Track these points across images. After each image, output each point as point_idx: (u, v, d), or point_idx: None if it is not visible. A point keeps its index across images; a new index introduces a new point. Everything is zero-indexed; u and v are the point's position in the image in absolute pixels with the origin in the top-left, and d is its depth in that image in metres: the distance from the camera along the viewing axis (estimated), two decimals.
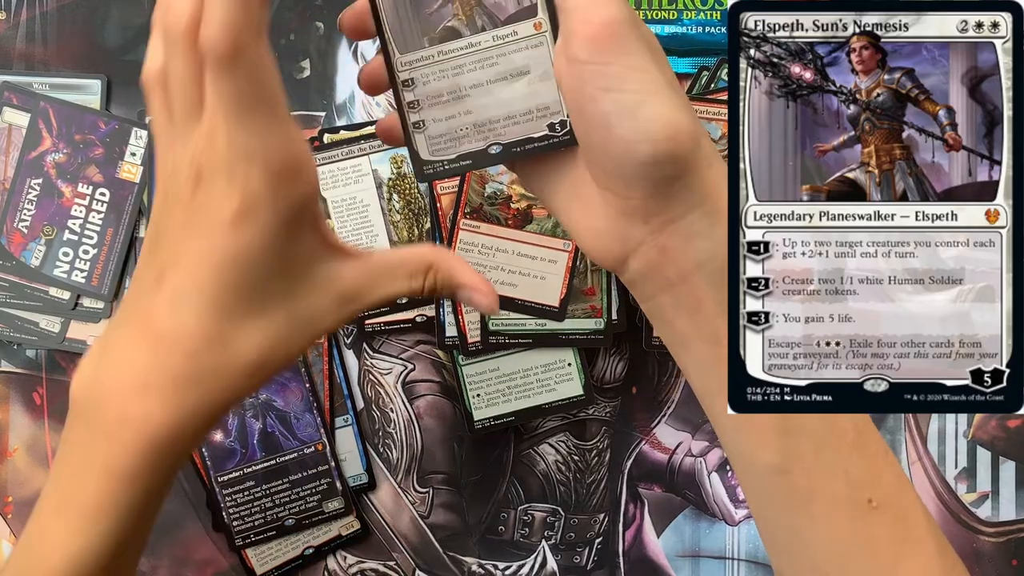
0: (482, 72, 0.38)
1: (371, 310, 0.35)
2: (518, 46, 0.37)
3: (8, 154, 0.60)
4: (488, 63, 0.38)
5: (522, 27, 0.38)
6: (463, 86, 0.37)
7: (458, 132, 0.38)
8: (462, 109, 0.38)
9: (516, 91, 0.38)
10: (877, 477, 0.36)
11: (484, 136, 0.38)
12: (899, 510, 0.36)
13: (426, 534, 0.61)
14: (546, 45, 0.37)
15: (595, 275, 0.59)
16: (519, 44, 0.37)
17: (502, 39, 0.37)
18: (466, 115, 0.38)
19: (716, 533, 0.60)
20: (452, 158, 0.39)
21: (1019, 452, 0.60)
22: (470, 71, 0.38)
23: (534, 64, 0.37)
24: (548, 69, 0.37)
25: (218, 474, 0.59)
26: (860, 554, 0.35)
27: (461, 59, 0.38)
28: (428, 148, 0.39)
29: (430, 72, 0.38)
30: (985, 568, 0.59)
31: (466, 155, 0.38)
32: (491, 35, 0.37)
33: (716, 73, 0.59)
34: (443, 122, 0.38)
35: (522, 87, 0.38)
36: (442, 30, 0.38)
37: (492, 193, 0.59)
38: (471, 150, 0.38)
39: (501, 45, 0.38)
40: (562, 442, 0.61)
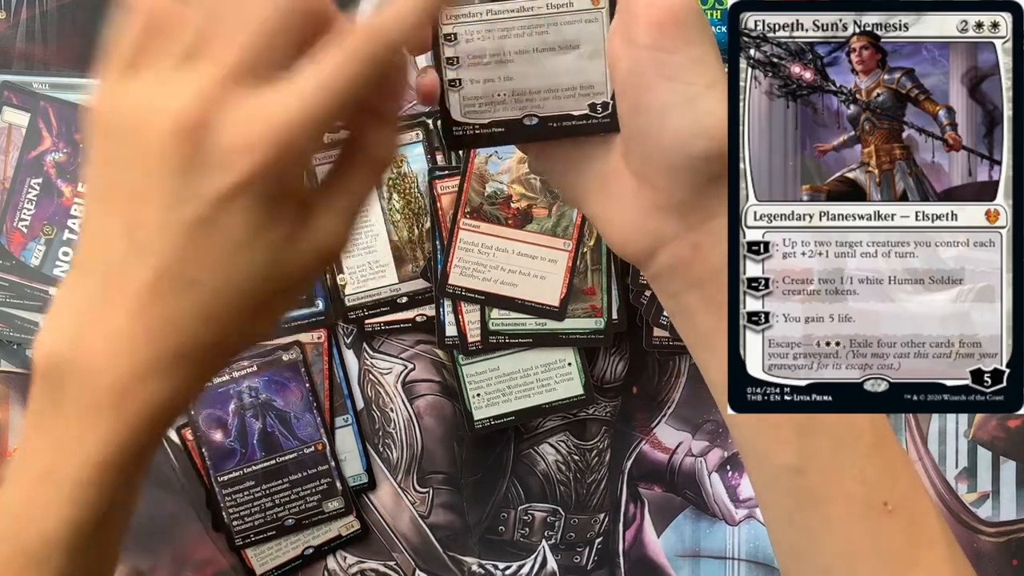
0: (530, 39, 0.36)
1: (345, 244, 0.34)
2: (572, 18, 0.36)
3: (8, 154, 0.60)
4: (538, 30, 0.36)
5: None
6: (508, 50, 0.36)
7: (495, 97, 0.36)
8: (503, 74, 0.36)
9: (562, 64, 0.36)
10: (894, 480, 0.35)
11: (522, 106, 0.36)
12: (913, 514, 0.35)
13: (426, 534, 0.61)
14: (601, 22, 0.35)
15: (595, 275, 0.59)
16: (573, 16, 0.36)
17: (556, 8, 0.36)
18: (506, 81, 0.36)
19: (716, 533, 0.60)
20: (484, 123, 0.37)
21: (1019, 452, 0.60)
22: (517, 36, 0.36)
23: (585, 39, 0.36)
24: (599, 47, 0.36)
25: (218, 474, 0.59)
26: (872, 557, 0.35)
27: (510, 22, 0.36)
28: (461, 108, 0.37)
29: (475, 30, 0.36)
30: (985, 568, 0.59)
31: (500, 122, 0.37)
32: (545, 2, 0.36)
33: None
34: (480, 84, 0.36)
35: (569, 61, 0.36)
36: None
37: (492, 193, 0.59)
38: (506, 118, 0.37)
39: (554, 14, 0.36)
40: (562, 442, 0.61)
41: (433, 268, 0.59)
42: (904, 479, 0.36)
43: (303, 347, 0.60)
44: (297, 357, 0.60)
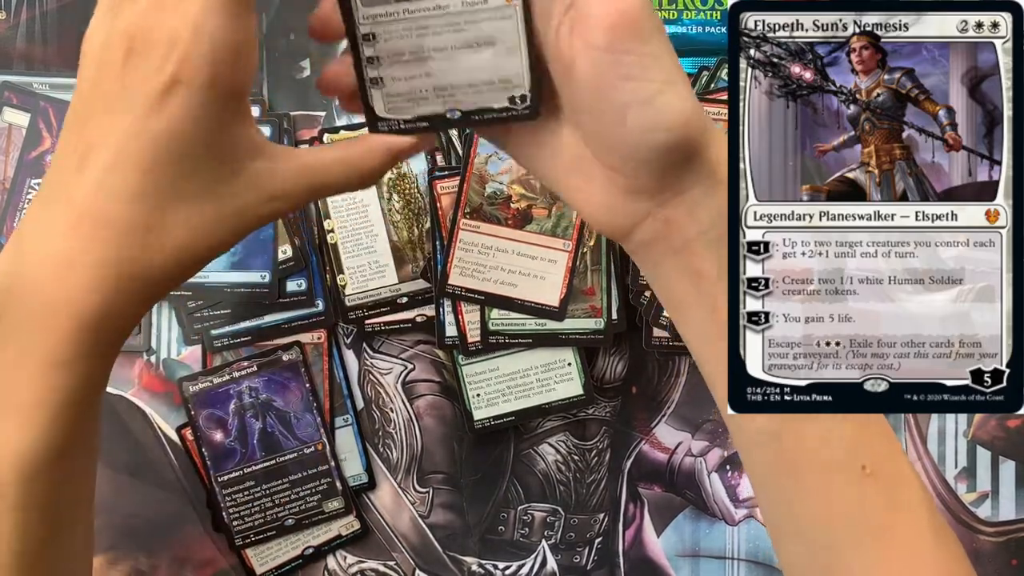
0: (447, 36, 0.37)
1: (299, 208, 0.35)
2: (488, 15, 0.36)
3: (8, 154, 0.60)
4: (454, 28, 0.37)
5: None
6: (426, 48, 0.37)
7: (417, 94, 0.37)
8: (423, 71, 0.37)
9: (480, 61, 0.37)
10: (870, 444, 0.36)
11: (443, 101, 0.37)
12: (892, 477, 0.36)
13: (426, 534, 0.61)
14: (515, 18, 0.36)
15: (595, 275, 0.59)
16: (489, 13, 0.36)
17: (471, 5, 0.36)
18: (426, 77, 0.37)
19: (716, 533, 0.60)
20: (409, 118, 0.38)
21: (1019, 452, 0.60)
22: (435, 34, 0.37)
23: (501, 36, 0.36)
24: (515, 43, 0.36)
25: (218, 474, 0.59)
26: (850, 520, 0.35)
27: (427, 20, 0.36)
28: (384, 105, 0.38)
29: (394, 29, 0.37)
30: (985, 568, 0.59)
31: (424, 117, 0.38)
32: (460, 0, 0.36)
33: (716, 73, 0.59)
34: (403, 81, 0.37)
35: (486, 58, 0.37)
36: None
37: (492, 193, 0.59)
38: (430, 112, 0.38)
39: (470, 12, 0.36)
40: (562, 442, 0.61)
41: (433, 268, 0.59)
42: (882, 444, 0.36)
43: (303, 347, 0.60)
44: (297, 357, 0.60)
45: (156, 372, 0.61)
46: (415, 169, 0.61)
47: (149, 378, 0.61)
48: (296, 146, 0.60)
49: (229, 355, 0.60)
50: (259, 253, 0.60)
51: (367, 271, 0.60)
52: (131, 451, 0.61)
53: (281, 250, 0.60)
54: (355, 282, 0.60)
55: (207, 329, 0.60)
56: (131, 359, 0.61)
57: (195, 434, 0.59)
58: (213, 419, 0.59)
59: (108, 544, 0.60)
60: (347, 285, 0.60)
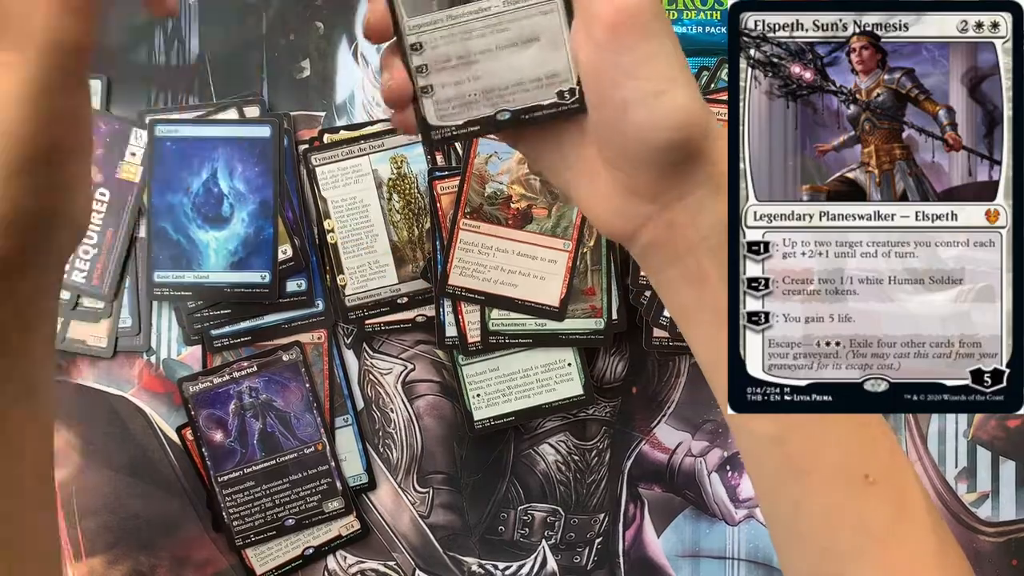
0: (492, 38, 0.37)
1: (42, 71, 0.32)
2: (528, 13, 0.37)
3: None
4: (498, 29, 0.37)
5: None
6: (472, 51, 0.37)
7: (467, 98, 0.38)
8: (471, 75, 0.38)
9: (526, 58, 0.37)
10: (875, 453, 0.36)
11: (493, 103, 0.38)
12: (895, 487, 0.36)
13: (426, 534, 0.61)
14: (556, 12, 0.36)
15: (595, 275, 0.59)
16: (529, 11, 0.37)
17: (512, 4, 0.37)
18: (475, 81, 0.38)
19: (716, 533, 0.60)
20: (460, 123, 0.38)
21: (1019, 452, 0.60)
22: (479, 36, 0.37)
23: (544, 31, 0.37)
24: (558, 37, 0.37)
25: (218, 474, 0.59)
26: (854, 526, 0.35)
27: (470, 24, 0.37)
28: (436, 113, 0.38)
29: (439, 36, 0.38)
30: (985, 568, 0.59)
31: (474, 121, 0.38)
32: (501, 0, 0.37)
33: (716, 73, 0.59)
34: (451, 87, 0.38)
35: (532, 54, 0.37)
36: None
37: (492, 193, 0.59)
38: (479, 115, 0.38)
39: (511, 11, 0.37)
40: (562, 442, 0.61)
41: (433, 268, 0.59)
42: (886, 453, 0.36)
43: (303, 347, 0.60)
44: (297, 357, 0.60)
45: (156, 372, 0.61)
46: (415, 169, 0.61)
47: (149, 378, 0.61)
48: (296, 147, 0.61)
49: (229, 355, 0.60)
50: (259, 253, 0.60)
51: (367, 271, 0.60)
52: (131, 451, 0.61)
53: (281, 250, 0.60)
54: (355, 282, 0.60)
55: (207, 329, 0.60)
56: (131, 359, 0.61)
57: (195, 434, 0.59)
58: (213, 419, 0.59)
59: (108, 544, 0.60)
60: (347, 285, 0.60)
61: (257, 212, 0.60)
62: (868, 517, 0.35)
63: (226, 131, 0.60)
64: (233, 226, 0.60)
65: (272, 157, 0.60)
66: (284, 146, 0.60)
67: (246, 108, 0.61)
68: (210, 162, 0.60)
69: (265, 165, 0.60)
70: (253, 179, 0.60)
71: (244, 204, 0.60)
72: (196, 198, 0.60)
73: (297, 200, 0.60)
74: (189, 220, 0.60)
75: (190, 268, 0.60)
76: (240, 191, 0.60)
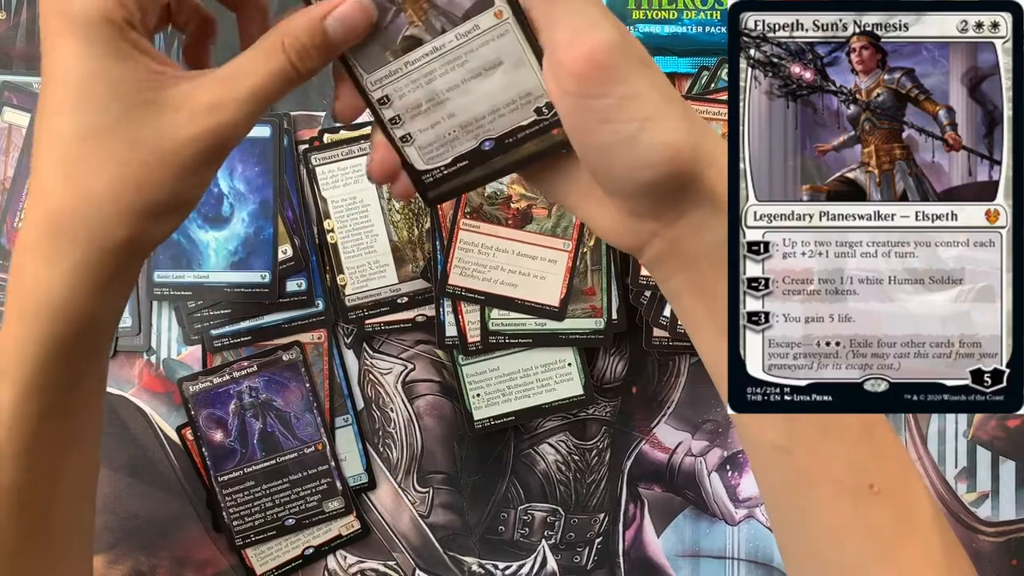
0: (454, 74, 0.37)
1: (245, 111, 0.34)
2: (484, 39, 0.36)
3: (8, 154, 0.60)
4: (458, 63, 0.36)
5: (483, 19, 0.36)
6: (439, 91, 0.37)
7: (447, 136, 0.37)
8: (445, 113, 0.37)
9: (494, 84, 0.37)
10: (881, 463, 0.36)
11: (474, 134, 0.37)
12: (902, 497, 0.36)
13: (426, 534, 0.61)
14: (512, 32, 0.36)
15: (595, 275, 0.59)
16: (484, 37, 0.36)
17: (465, 36, 0.36)
18: (451, 118, 0.37)
19: (716, 533, 0.60)
20: (448, 162, 0.38)
21: (1019, 452, 0.60)
22: (442, 75, 0.37)
23: (505, 54, 0.36)
24: (520, 56, 0.36)
25: (218, 474, 0.59)
26: (860, 538, 0.35)
27: (429, 66, 0.36)
28: (421, 158, 0.38)
29: (403, 84, 0.37)
30: (985, 568, 0.59)
31: (461, 156, 0.38)
32: (453, 35, 0.36)
33: (716, 73, 0.59)
34: (429, 130, 0.37)
35: (499, 79, 0.36)
36: (402, 40, 0.36)
37: (492, 193, 0.59)
38: (464, 150, 0.38)
39: (466, 42, 0.36)
40: (562, 442, 0.61)
41: (433, 268, 0.59)
42: (893, 462, 0.36)
43: (303, 347, 0.60)
44: (297, 357, 0.60)
45: (156, 372, 0.61)
46: None
47: (149, 378, 0.61)
48: (296, 147, 0.61)
49: (229, 355, 0.60)
50: (259, 253, 0.60)
51: (367, 271, 0.60)
52: (131, 451, 0.61)
53: (281, 250, 0.60)
54: (355, 282, 0.60)
55: (207, 329, 0.60)
56: (131, 359, 0.61)
57: (195, 434, 0.59)
58: (213, 419, 0.59)
59: (108, 544, 0.60)
60: (347, 285, 0.60)
61: (257, 212, 0.60)
62: (874, 527, 0.35)
63: None
64: (233, 226, 0.60)
65: (272, 157, 0.60)
66: (284, 146, 0.60)
67: None
68: None
69: (265, 165, 0.60)
70: (253, 179, 0.60)
71: (244, 204, 0.60)
72: None
73: (297, 200, 0.60)
74: (189, 220, 0.60)
75: (190, 268, 0.60)
76: (240, 191, 0.60)
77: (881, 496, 0.35)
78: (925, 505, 0.36)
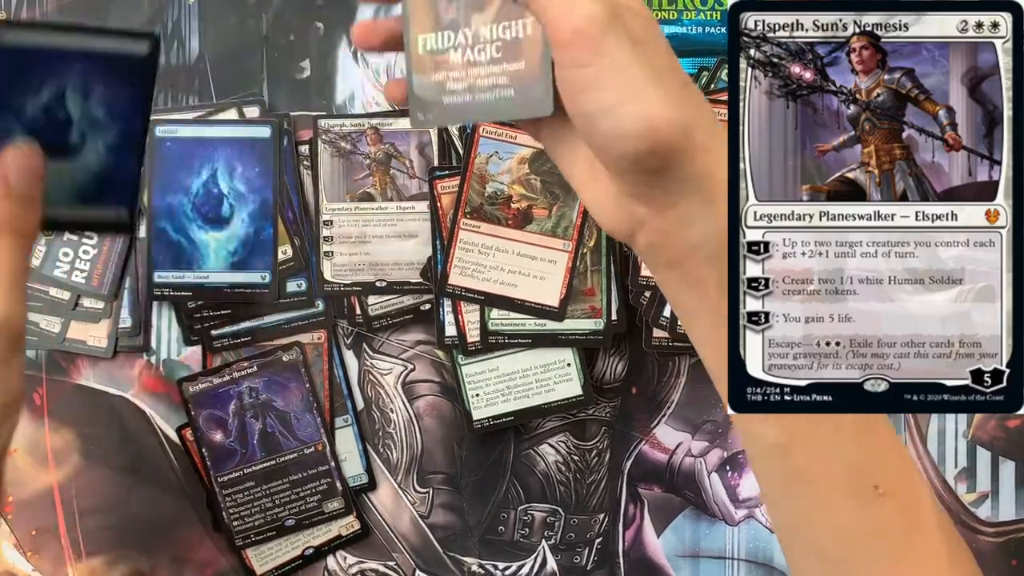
0: (384, 228, 0.58)
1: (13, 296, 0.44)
2: (413, 216, 0.58)
3: None
4: (389, 223, 0.58)
5: (419, 204, 0.58)
6: (368, 235, 0.54)
7: (357, 266, 0.58)
8: (363, 251, 0.57)
9: (405, 248, 0.58)
10: (883, 464, 0.36)
11: (376, 273, 0.58)
12: (906, 497, 0.36)
13: (426, 534, 0.61)
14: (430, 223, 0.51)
15: (595, 275, 0.59)
16: (414, 216, 0.58)
17: (402, 209, 0.58)
18: (365, 255, 0.58)
19: (716, 533, 0.60)
20: (347, 283, 0.58)
21: (1019, 452, 0.60)
22: (376, 226, 0.58)
23: (423, 231, 0.56)
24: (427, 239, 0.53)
25: (218, 474, 0.59)
26: (868, 540, 0.35)
27: (370, 216, 0.58)
28: (331, 272, 0.58)
29: (346, 219, 0.58)
30: (985, 568, 0.59)
31: (358, 284, 0.58)
32: (395, 205, 0.58)
33: (716, 73, 0.59)
34: (347, 256, 0.58)
35: (411, 246, 0.58)
36: (361, 193, 0.58)
37: (492, 193, 0.59)
38: (363, 280, 0.57)
39: (400, 213, 0.58)
40: (562, 442, 0.61)
41: (433, 268, 0.59)
42: (895, 463, 0.36)
43: (303, 347, 0.60)
44: (297, 357, 0.60)
45: (156, 372, 0.61)
46: None
47: (149, 378, 0.61)
48: (296, 147, 0.61)
49: (229, 355, 0.60)
50: (259, 253, 0.60)
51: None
52: (131, 451, 0.61)
53: (281, 250, 0.60)
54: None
55: (207, 329, 0.60)
56: (131, 359, 0.61)
57: (195, 434, 0.59)
58: (213, 419, 0.59)
59: (108, 544, 0.60)
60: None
61: (257, 212, 0.60)
62: (881, 528, 0.35)
63: (226, 131, 0.60)
64: (233, 226, 0.60)
65: (272, 157, 0.60)
66: (284, 146, 0.60)
67: (246, 108, 0.61)
68: (210, 162, 0.60)
69: (265, 165, 0.60)
70: (253, 179, 0.60)
71: (244, 204, 0.60)
72: (196, 198, 0.60)
73: (297, 200, 0.60)
74: (189, 220, 0.60)
75: (190, 268, 0.60)
76: (240, 191, 0.60)
77: (886, 497, 0.35)
78: (929, 505, 0.36)
